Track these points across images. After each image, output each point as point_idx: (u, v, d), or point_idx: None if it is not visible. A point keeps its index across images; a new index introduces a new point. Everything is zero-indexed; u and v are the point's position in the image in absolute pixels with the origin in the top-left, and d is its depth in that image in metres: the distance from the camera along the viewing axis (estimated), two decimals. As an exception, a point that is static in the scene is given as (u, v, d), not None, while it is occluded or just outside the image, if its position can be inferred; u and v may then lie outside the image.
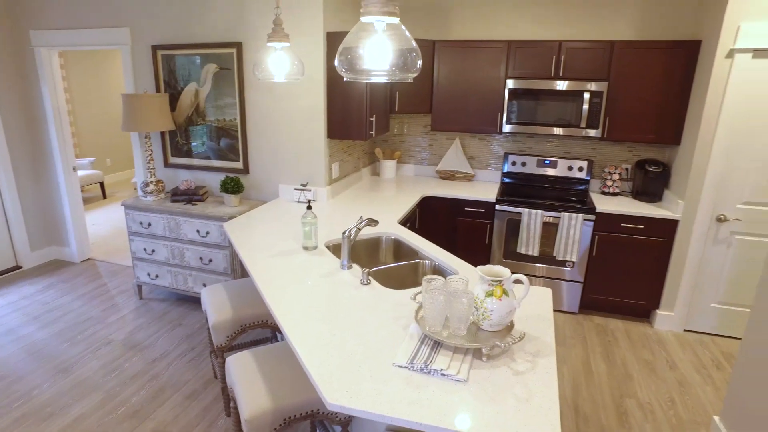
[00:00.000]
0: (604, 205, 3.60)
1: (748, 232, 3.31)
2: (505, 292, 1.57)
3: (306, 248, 2.55)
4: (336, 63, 1.55)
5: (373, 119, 3.42)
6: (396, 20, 1.49)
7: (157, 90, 3.77)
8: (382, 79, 1.55)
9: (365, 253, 2.84)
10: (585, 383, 2.96)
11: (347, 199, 3.63)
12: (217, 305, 2.53)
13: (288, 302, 1.97)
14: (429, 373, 1.49)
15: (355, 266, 2.30)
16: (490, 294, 1.56)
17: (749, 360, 2.25)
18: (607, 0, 3.72)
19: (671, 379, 3.02)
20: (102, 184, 6.96)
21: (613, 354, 3.29)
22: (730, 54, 3.07)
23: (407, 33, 1.52)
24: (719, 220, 3.33)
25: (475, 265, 2.42)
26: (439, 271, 2.40)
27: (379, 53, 1.51)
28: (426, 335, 1.65)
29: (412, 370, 1.51)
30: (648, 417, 2.68)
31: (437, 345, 1.61)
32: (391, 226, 2.92)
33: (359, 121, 3.34)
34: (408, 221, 3.43)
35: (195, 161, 3.88)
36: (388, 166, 4.34)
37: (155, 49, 3.65)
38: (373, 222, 2.33)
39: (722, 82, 3.12)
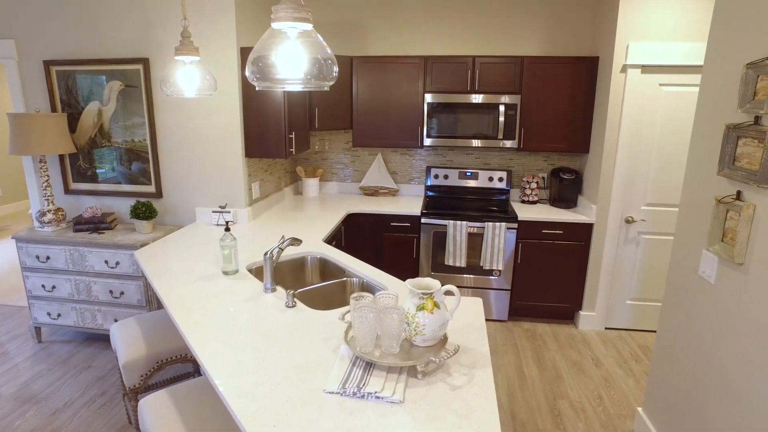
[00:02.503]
0: (524, 213, 3.72)
1: (652, 231, 3.56)
2: (436, 305, 1.52)
3: (226, 273, 2.39)
4: (247, 72, 1.45)
5: (293, 136, 3.32)
6: (309, 26, 1.43)
7: (53, 109, 3.43)
8: (297, 88, 1.47)
9: (291, 275, 2.71)
10: (520, 389, 3.00)
11: (270, 219, 3.48)
12: (129, 342, 2.29)
13: (207, 331, 1.80)
14: (363, 396, 1.40)
15: (279, 289, 2.17)
16: (421, 308, 1.51)
17: (664, 352, 2.37)
18: (515, 19, 3.91)
19: (597, 377, 3.14)
20: (-8, 218, 6.25)
21: (544, 357, 3.37)
22: (624, 69, 3.31)
23: (321, 39, 1.46)
24: (627, 221, 3.55)
25: (404, 280, 2.37)
26: (367, 287, 2.33)
27: (293, 61, 1.44)
28: (357, 356, 1.57)
29: (345, 395, 1.41)
30: (580, 415, 2.75)
31: (370, 366, 1.53)
32: (315, 245, 2.82)
33: (278, 138, 3.22)
34: (334, 239, 3.34)
35: (101, 186, 3.56)
36: (311, 185, 4.24)
37: (48, 64, 3.32)
38: (296, 241, 2.23)
39: (620, 94, 3.36)
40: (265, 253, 2.14)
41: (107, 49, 3.27)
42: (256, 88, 1.47)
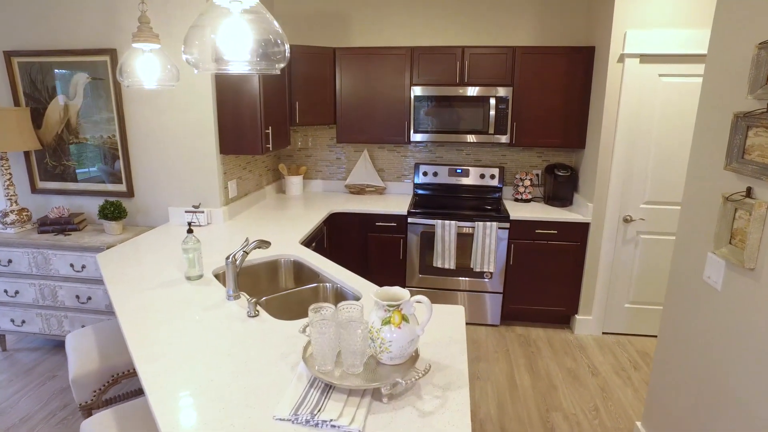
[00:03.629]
0: (517, 212, 3.53)
1: (652, 231, 3.36)
2: (404, 318, 1.33)
3: (189, 278, 2.20)
4: (183, 55, 1.26)
5: (270, 131, 3.13)
6: (254, 0, 1.24)
7: (16, 103, 3.23)
8: (244, 70, 1.28)
9: (266, 279, 2.53)
10: (510, 400, 2.81)
11: (248, 219, 3.29)
12: (82, 353, 2.10)
13: (157, 345, 1.61)
14: (317, 425, 1.21)
15: (243, 296, 1.99)
16: (387, 321, 1.32)
17: (665, 364, 2.18)
18: (506, 8, 3.71)
19: (594, 386, 2.95)
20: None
21: (537, 365, 3.18)
22: (621, 59, 3.12)
23: (270, 16, 1.27)
24: (626, 220, 3.36)
25: (390, 284, 2.19)
26: (341, 294, 2.14)
27: (237, 40, 1.25)
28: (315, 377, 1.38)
29: (297, 423, 1.22)
30: (574, 429, 2.56)
31: (329, 387, 1.34)
32: (290, 247, 2.63)
33: (253, 133, 3.03)
34: (314, 240, 3.15)
35: (71, 185, 3.37)
36: (294, 183, 4.05)
37: (9, 55, 3.13)
38: (264, 243, 2.03)
39: (617, 86, 3.16)
40: (228, 257, 1.95)
41: (72, 39, 3.07)
42: (195, 72, 1.28)
